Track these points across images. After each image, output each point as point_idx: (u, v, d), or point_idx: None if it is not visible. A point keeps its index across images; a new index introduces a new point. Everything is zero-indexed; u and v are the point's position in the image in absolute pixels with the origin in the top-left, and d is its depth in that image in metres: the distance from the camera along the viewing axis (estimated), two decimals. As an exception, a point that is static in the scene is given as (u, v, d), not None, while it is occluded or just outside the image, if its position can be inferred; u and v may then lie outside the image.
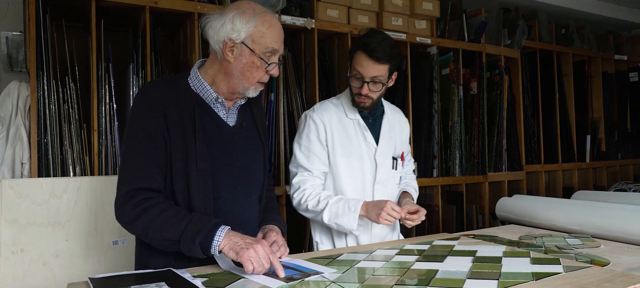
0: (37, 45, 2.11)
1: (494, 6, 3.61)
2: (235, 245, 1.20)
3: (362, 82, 1.67)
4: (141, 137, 1.29)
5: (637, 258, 1.36)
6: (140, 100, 1.33)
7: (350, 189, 1.77)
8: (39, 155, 2.10)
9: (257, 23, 1.31)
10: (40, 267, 1.86)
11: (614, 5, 4.48)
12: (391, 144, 1.83)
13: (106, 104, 2.26)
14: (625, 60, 4.64)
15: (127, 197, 1.26)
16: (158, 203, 1.26)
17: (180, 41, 2.73)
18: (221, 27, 1.31)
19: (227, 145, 1.38)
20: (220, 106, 1.40)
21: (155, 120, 1.29)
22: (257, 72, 1.35)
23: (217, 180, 1.35)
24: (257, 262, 1.17)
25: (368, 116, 1.80)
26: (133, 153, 1.29)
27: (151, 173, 1.28)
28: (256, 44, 1.31)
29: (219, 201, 1.35)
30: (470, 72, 3.45)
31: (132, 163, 1.29)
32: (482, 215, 3.48)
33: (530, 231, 1.83)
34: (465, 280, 1.13)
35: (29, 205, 1.85)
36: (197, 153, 1.30)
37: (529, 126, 3.85)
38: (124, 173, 1.30)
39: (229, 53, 1.32)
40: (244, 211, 1.43)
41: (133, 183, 1.27)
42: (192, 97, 1.36)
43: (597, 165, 4.38)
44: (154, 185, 1.28)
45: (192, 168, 1.29)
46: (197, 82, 1.38)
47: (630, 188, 2.51)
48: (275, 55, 1.36)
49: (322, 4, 2.82)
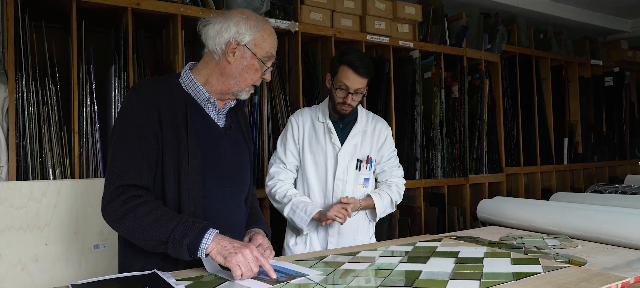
0: (15, 45, 2.07)
1: (474, 11, 3.68)
2: (224, 250, 1.20)
3: (347, 93, 1.90)
4: (132, 134, 1.28)
5: (613, 258, 1.40)
6: (134, 97, 1.33)
7: (314, 182, 2.01)
8: (18, 157, 2.06)
9: (260, 29, 1.38)
10: (19, 272, 1.82)
11: (590, 11, 4.61)
12: (360, 147, 2.01)
13: (87, 106, 2.23)
14: (601, 65, 4.77)
15: (115, 194, 1.25)
16: (146, 202, 1.25)
17: (162, 43, 2.70)
18: (226, 29, 1.35)
19: (217, 145, 1.40)
20: (211, 107, 1.42)
21: (147, 117, 1.29)
22: (254, 75, 1.40)
23: (207, 179, 1.35)
24: (246, 266, 1.17)
25: (339, 122, 2.02)
26: (123, 149, 1.28)
27: (141, 170, 1.27)
28: (258, 48, 1.38)
29: (208, 200, 1.36)
30: (452, 76, 3.50)
31: (121, 159, 1.28)
32: (463, 216, 3.53)
33: (510, 232, 1.87)
34: (448, 281, 1.15)
35: (7, 209, 1.81)
36: (189, 151, 1.31)
37: (509, 129, 3.93)
38: (113, 169, 1.28)
39: (231, 54, 1.36)
40: (231, 211, 1.43)
41: (122, 179, 1.25)
42: (185, 96, 1.37)
43: (574, 167, 4.48)
44: (142, 182, 1.27)
45: (183, 166, 1.30)
46: (190, 82, 1.40)
47: (606, 190, 2.58)
48: (271, 60, 1.43)
49: (306, 7, 2.83)
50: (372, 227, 2.10)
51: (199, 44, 2.70)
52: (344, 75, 1.88)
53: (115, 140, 1.31)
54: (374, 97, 3.12)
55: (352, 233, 2.01)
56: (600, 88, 4.79)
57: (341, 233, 1.99)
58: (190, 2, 2.50)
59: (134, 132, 1.28)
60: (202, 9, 2.50)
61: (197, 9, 2.49)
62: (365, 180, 2.03)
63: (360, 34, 3.02)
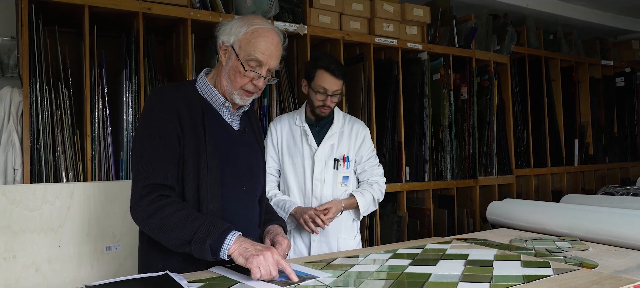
0: (30, 50, 2.10)
1: (483, 13, 3.67)
2: (245, 251, 1.22)
3: (326, 95, 1.99)
4: (156, 135, 1.32)
5: (625, 261, 1.39)
6: (155, 101, 1.37)
7: (294, 182, 2.08)
8: (32, 161, 2.10)
9: (247, 30, 1.37)
10: (33, 273, 1.85)
11: (600, 11, 4.57)
12: (337, 147, 2.09)
13: (99, 110, 2.26)
14: (611, 65, 4.72)
15: (144, 193, 1.28)
16: (173, 203, 1.29)
17: (172, 47, 2.73)
18: (221, 31, 1.41)
19: (233, 148, 1.44)
20: (226, 111, 1.46)
21: (169, 120, 1.34)
22: (240, 78, 1.38)
23: (225, 179, 1.39)
24: (265, 269, 1.19)
25: (315, 124, 2.09)
26: (149, 151, 1.32)
27: (166, 170, 1.31)
28: (241, 50, 1.37)
29: (226, 200, 1.39)
30: (461, 78, 3.50)
31: (147, 160, 1.31)
32: (473, 218, 3.51)
33: (520, 234, 1.86)
34: (457, 284, 1.15)
35: (22, 211, 1.84)
36: (207, 153, 1.35)
37: (519, 130, 3.90)
38: (140, 170, 1.31)
39: (222, 55, 1.41)
40: (247, 211, 1.47)
41: (149, 178, 1.29)
42: (201, 101, 1.42)
43: (585, 168, 4.44)
44: (169, 181, 1.31)
45: (202, 167, 1.34)
46: (206, 88, 1.45)
47: (617, 192, 2.56)
48: (260, 67, 1.38)
49: (314, 10, 2.84)
50: (356, 225, 2.15)
51: (209, 48, 2.73)
52: (321, 79, 1.98)
53: (139, 143, 1.35)
54: (382, 99, 3.12)
55: (335, 232, 2.05)
56: (611, 88, 4.75)
57: (324, 232, 2.03)
58: (200, 6, 2.53)
59: (158, 134, 1.32)
60: (211, 13, 2.53)
61: (207, 13, 2.51)
62: (345, 179, 2.10)
63: (369, 37, 3.03)
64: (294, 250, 2.04)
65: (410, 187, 3.16)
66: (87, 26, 2.23)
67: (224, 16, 2.54)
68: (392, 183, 3.07)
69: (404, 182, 3.13)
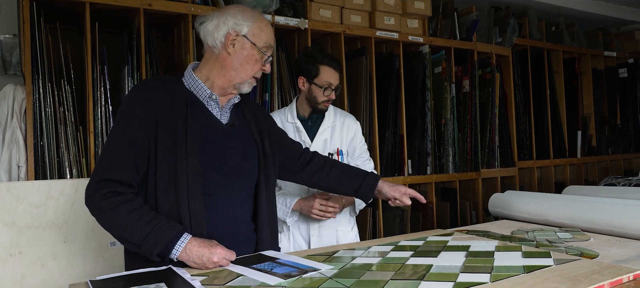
0: (32, 48, 2.11)
1: (484, 5, 3.66)
2: (198, 258, 1.27)
3: (331, 90, 2.01)
4: (122, 132, 1.33)
5: (625, 251, 1.39)
6: (131, 96, 1.37)
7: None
8: (36, 158, 2.11)
9: (256, 20, 1.43)
10: (39, 269, 1.87)
11: (603, 2, 4.54)
12: (330, 142, 2.11)
13: (102, 106, 2.27)
14: (614, 56, 4.70)
15: (97, 187, 1.29)
16: (126, 201, 1.29)
17: (174, 42, 2.74)
18: (224, 23, 1.40)
19: (219, 142, 1.42)
20: (214, 104, 1.44)
21: (140, 117, 1.33)
22: (254, 65, 1.43)
23: (209, 176, 1.37)
24: (222, 262, 1.27)
25: (307, 120, 2.09)
26: (111, 145, 1.34)
27: (124, 167, 1.30)
28: (257, 38, 1.42)
29: (210, 197, 1.38)
30: (462, 70, 3.49)
31: (107, 154, 1.33)
32: (475, 211, 3.52)
33: (522, 226, 1.87)
34: (458, 274, 1.16)
35: (27, 208, 1.86)
36: (187, 149, 1.33)
37: (521, 122, 3.90)
38: (99, 163, 1.33)
39: (230, 46, 1.40)
40: (234, 208, 1.44)
41: (105, 174, 1.30)
42: (186, 94, 1.40)
43: (588, 160, 4.43)
44: (123, 178, 1.30)
45: (181, 164, 1.32)
46: (191, 81, 1.43)
47: (619, 183, 2.56)
48: (270, 50, 1.46)
49: (315, 4, 2.84)
50: (353, 219, 2.16)
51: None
52: (327, 74, 1.99)
53: (109, 136, 1.37)
54: (384, 93, 3.12)
55: (334, 224, 2.06)
56: (614, 80, 4.72)
57: (322, 225, 2.04)
58: (200, 2, 2.53)
59: (124, 130, 1.33)
60: (212, 8, 2.53)
61: (208, 8, 2.52)
62: None
63: (370, 30, 3.03)
64: (293, 244, 2.05)
65: (413, 180, 3.16)
66: (89, 23, 2.24)
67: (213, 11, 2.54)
68: (394, 176, 3.08)
69: (407, 176, 3.13)
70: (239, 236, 1.44)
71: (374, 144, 2.97)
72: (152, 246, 1.26)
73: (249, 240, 1.47)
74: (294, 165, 1.69)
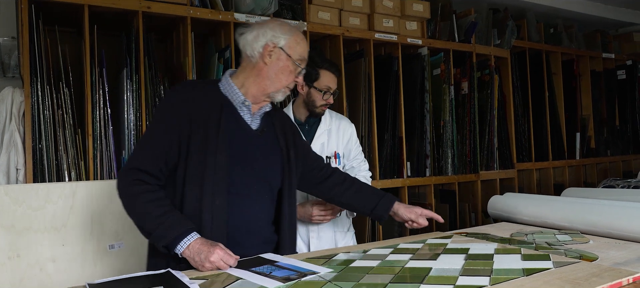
0: (30, 50, 2.11)
1: (483, 7, 3.66)
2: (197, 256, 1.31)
3: (330, 94, 2.02)
4: (156, 126, 1.46)
5: (625, 253, 1.40)
6: (170, 95, 1.52)
7: None
8: (34, 160, 2.11)
9: (294, 34, 1.52)
10: (37, 272, 1.86)
11: (601, 4, 4.55)
12: (327, 145, 2.12)
13: (100, 109, 2.27)
14: (612, 58, 4.71)
15: (127, 174, 1.40)
16: (148, 191, 1.38)
17: (173, 45, 2.74)
18: (263, 34, 1.49)
19: (247, 145, 1.51)
20: (246, 110, 1.52)
21: (175, 114, 1.42)
22: (288, 76, 1.52)
23: (234, 175, 1.45)
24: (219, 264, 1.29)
25: (304, 124, 2.10)
26: (145, 137, 1.49)
27: (153, 158, 1.40)
28: (292, 51, 1.51)
29: (234, 195, 1.45)
30: (461, 72, 3.49)
31: (140, 146, 1.49)
32: (474, 213, 3.52)
33: (521, 228, 1.87)
34: (458, 277, 1.15)
35: (25, 211, 1.86)
36: (217, 148, 1.41)
37: (520, 124, 3.90)
38: (133, 153, 1.48)
39: (267, 56, 1.48)
40: (257, 207, 1.52)
41: (134, 163, 1.41)
42: (221, 98, 1.50)
43: (587, 162, 4.44)
44: (150, 168, 1.39)
45: (209, 161, 1.40)
46: (227, 86, 1.52)
47: (618, 185, 2.56)
48: (303, 63, 1.56)
49: (313, 6, 2.84)
50: (349, 220, 2.18)
51: (209, 46, 2.74)
52: (328, 79, 2.01)
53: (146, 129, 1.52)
54: (383, 95, 3.12)
55: (332, 225, 2.09)
56: (612, 81, 4.73)
57: (321, 227, 2.06)
58: (199, 4, 2.53)
59: (159, 125, 1.45)
60: (211, 11, 2.53)
61: (206, 11, 2.52)
62: None
63: (369, 32, 3.03)
64: None
65: (412, 182, 3.16)
66: (87, 25, 2.24)
67: (224, 14, 2.55)
68: (393, 179, 3.08)
69: (405, 178, 3.13)
70: (260, 235, 1.52)
71: (373, 146, 2.97)
72: (160, 237, 1.33)
73: (268, 240, 1.55)
74: (314, 177, 1.74)
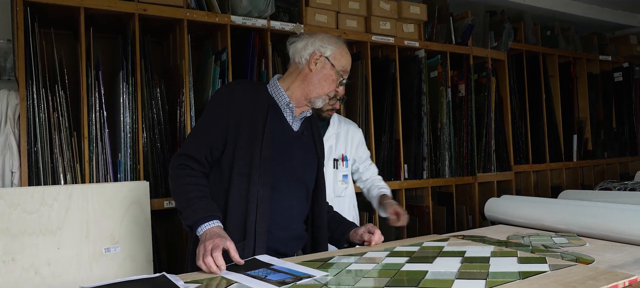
0: (25, 53, 2.10)
1: (480, 9, 3.67)
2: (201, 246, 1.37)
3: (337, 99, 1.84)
4: (205, 119, 1.58)
5: (621, 256, 1.39)
6: (222, 90, 1.63)
7: None
8: (29, 163, 2.10)
9: (339, 46, 1.64)
10: (32, 276, 1.85)
11: (597, 6, 4.57)
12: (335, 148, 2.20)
13: (96, 112, 2.26)
14: (609, 60, 4.72)
15: (177, 158, 1.55)
16: (190, 176, 1.52)
17: (169, 47, 2.73)
18: (311, 43, 1.61)
19: (288, 145, 1.62)
20: (289, 111, 1.63)
21: (225, 109, 1.54)
22: (330, 85, 1.62)
23: (275, 171, 1.56)
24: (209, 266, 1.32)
25: None
26: (195, 128, 1.62)
27: (199, 146, 1.54)
28: (336, 61, 1.62)
29: (274, 189, 1.57)
30: (458, 75, 3.50)
31: (191, 134, 1.62)
32: (472, 215, 3.52)
33: (518, 231, 1.86)
34: (454, 281, 1.15)
35: (20, 214, 1.84)
36: (263, 143, 1.53)
37: (517, 127, 3.90)
38: (187, 139, 1.64)
39: (313, 63, 1.60)
40: (291, 205, 1.63)
41: (184, 149, 1.57)
42: (268, 99, 1.61)
43: (584, 164, 4.44)
44: (196, 155, 1.53)
45: (255, 155, 1.53)
46: (274, 88, 1.64)
47: (615, 187, 2.56)
48: (346, 74, 1.66)
49: (310, 9, 2.84)
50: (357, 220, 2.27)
51: (206, 49, 2.73)
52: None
53: (198, 120, 1.66)
54: (380, 97, 3.12)
55: None
56: (609, 84, 4.74)
57: None
58: (195, 7, 2.53)
59: (209, 118, 1.58)
60: (207, 13, 2.53)
61: (203, 13, 2.51)
62: (344, 177, 2.23)
63: (366, 35, 3.03)
64: None
65: (409, 184, 3.16)
66: (83, 28, 2.23)
67: (220, 16, 2.54)
68: (390, 181, 3.07)
69: (403, 180, 3.13)
70: (293, 231, 1.63)
71: (370, 148, 2.97)
72: (187, 217, 1.46)
73: (300, 237, 1.66)
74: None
